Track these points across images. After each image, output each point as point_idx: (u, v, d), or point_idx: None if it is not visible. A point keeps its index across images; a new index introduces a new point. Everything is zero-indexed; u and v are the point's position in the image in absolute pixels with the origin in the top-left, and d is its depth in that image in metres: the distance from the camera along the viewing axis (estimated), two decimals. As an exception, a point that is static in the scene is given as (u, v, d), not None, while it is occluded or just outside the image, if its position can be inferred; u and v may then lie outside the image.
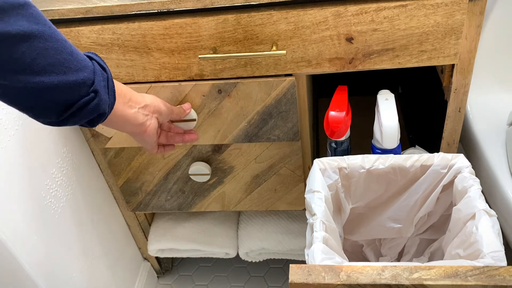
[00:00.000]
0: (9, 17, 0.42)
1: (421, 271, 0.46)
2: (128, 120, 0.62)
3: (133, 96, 0.63)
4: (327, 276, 0.47)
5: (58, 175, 0.86)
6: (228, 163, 0.90)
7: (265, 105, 0.79)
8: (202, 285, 1.28)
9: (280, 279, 1.26)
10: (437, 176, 0.70)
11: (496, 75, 1.00)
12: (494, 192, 0.84)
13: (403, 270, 0.46)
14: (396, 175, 0.72)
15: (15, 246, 0.73)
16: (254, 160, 0.88)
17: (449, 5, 0.65)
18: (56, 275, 0.84)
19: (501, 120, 0.93)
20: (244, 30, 0.70)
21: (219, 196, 0.97)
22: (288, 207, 0.97)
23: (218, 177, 0.93)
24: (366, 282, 0.45)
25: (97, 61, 0.55)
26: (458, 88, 0.75)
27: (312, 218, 0.64)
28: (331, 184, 0.71)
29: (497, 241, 0.56)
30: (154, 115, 0.67)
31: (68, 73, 0.49)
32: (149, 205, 1.01)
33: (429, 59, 0.71)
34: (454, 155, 0.69)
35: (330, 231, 0.64)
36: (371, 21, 0.67)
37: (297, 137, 0.83)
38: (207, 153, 0.89)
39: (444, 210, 0.75)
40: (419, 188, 0.73)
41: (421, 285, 0.45)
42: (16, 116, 0.75)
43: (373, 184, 0.73)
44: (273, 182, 0.93)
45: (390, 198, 0.76)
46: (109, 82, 0.56)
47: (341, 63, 0.73)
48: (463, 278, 0.44)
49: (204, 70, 0.76)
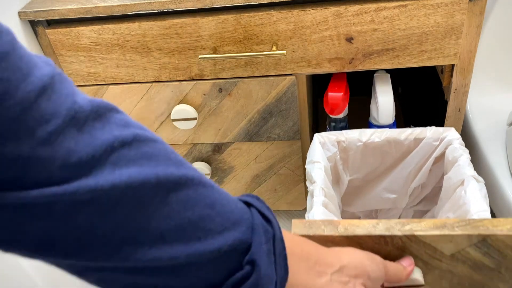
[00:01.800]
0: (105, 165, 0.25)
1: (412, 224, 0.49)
2: None
3: (321, 256, 0.39)
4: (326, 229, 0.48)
5: (58, 175, 0.85)
6: (228, 163, 0.90)
7: (266, 104, 0.79)
8: (202, 285, 1.27)
9: (280, 279, 1.26)
10: (430, 148, 0.74)
11: (496, 75, 1.00)
12: (494, 192, 0.84)
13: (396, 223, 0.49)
14: (391, 148, 0.75)
15: (15, 246, 0.73)
16: (254, 160, 0.88)
17: (449, 5, 0.65)
18: (56, 275, 0.84)
19: (501, 120, 0.93)
20: (244, 30, 0.70)
21: None
22: (288, 207, 0.97)
23: (218, 177, 0.93)
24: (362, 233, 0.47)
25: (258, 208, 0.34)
26: (458, 88, 0.76)
27: (312, 186, 0.67)
28: (330, 156, 0.74)
29: (483, 203, 0.60)
30: (358, 281, 0.40)
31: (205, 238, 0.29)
32: None
33: (429, 59, 0.71)
34: (445, 128, 0.72)
35: (329, 197, 0.66)
36: (371, 21, 0.67)
37: (297, 135, 0.83)
38: (207, 153, 0.89)
39: (436, 182, 0.79)
40: (412, 160, 0.76)
41: (412, 236, 0.47)
42: (16, 116, 0.75)
43: (369, 156, 0.77)
44: (273, 182, 0.93)
45: (386, 170, 0.80)
46: (276, 243, 0.33)
47: (341, 63, 0.73)
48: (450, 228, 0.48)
49: (204, 70, 0.76)
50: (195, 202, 0.29)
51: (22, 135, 0.22)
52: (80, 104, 0.25)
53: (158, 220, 0.27)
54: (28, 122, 0.22)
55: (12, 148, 0.22)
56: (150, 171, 0.27)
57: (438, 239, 0.48)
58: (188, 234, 0.29)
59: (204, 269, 0.30)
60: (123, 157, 0.26)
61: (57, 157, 0.24)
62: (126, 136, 0.27)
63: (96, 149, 0.25)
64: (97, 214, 0.25)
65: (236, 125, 0.83)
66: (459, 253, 0.50)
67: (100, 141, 0.25)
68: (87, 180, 0.24)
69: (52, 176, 0.23)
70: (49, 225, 0.24)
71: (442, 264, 0.51)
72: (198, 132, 0.85)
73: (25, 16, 0.73)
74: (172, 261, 0.28)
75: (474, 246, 0.49)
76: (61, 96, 0.24)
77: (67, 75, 0.26)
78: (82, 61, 0.77)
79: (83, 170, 0.24)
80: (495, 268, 0.51)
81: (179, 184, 0.28)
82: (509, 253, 0.49)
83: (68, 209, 0.24)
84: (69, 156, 0.24)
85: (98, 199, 0.25)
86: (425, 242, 0.49)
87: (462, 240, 0.48)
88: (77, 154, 0.24)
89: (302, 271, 0.36)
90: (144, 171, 0.27)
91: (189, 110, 0.80)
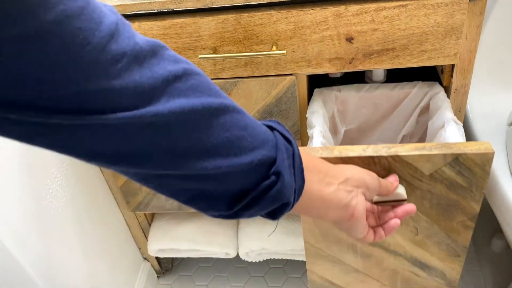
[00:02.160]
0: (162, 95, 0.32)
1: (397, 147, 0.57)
2: (328, 202, 0.46)
3: (330, 170, 0.47)
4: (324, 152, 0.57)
5: (58, 175, 0.86)
6: None
7: (266, 104, 0.79)
8: (202, 285, 1.28)
9: (280, 279, 1.26)
10: (416, 99, 0.83)
11: (496, 75, 1.00)
12: (494, 192, 0.84)
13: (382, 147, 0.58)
14: (383, 100, 0.84)
15: (15, 246, 0.73)
16: None
17: (449, 5, 0.65)
18: (56, 275, 0.84)
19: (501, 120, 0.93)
20: (244, 30, 0.70)
21: None
22: None
23: None
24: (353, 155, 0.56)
25: (280, 131, 0.42)
26: (458, 88, 0.75)
27: (312, 130, 0.74)
28: (328, 108, 0.82)
29: (460, 139, 0.68)
30: (360, 190, 0.49)
31: (240, 154, 0.36)
32: (149, 205, 1.01)
33: (429, 59, 0.71)
34: (430, 82, 0.81)
35: (327, 139, 0.75)
36: (371, 21, 0.67)
37: (297, 135, 0.83)
38: None
39: (422, 132, 0.88)
40: (401, 111, 0.86)
41: (396, 156, 0.56)
42: (16, 116, 0.75)
43: (363, 108, 0.86)
44: None
45: (378, 121, 0.89)
46: (295, 158, 0.41)
47: (341, 63, 0.73)
48: (428, 149, 0.56)
49: (204, 70, 0.76)
50: (231, 125, 0.36)
51: (100, 73, 0.28)
52: (140, 44, 0.31)
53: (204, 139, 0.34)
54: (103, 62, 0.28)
55: (94, 84, 0.28)
56: (197, 100, 0.33)
57: (418, 159, 0.56)
58: (227, 150, 0.36)
59: (240, 178, 0.37)
60: (176, 89, 0.32)
61: (127, 89, 0.29)
62: (178, 70, 0.33)
63: (156, 81, 0.31)
64: (158, 133, 0.32)
65: (236, 125, 0.83)
66: (436, 172, 0.58)
67: (158, 75, 0.31)
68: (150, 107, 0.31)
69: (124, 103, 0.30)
70: (122, 141, 0.31)
71: (422, 184, 0.60)
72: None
73: (25, 16, 0.73)
74: (215, 170, 0.35)
75: (449, 165, 0.57)
76: (125, 38, 0.30)
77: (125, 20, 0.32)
78: (82, 61, 0.77)
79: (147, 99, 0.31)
80: (467, 187, 0.59)
81: (218, 110, 0.35)
82: (477, 171, 0.57)
83: (137, 129, 0.31)
84: (136, 88, 0.30)
85: (158, 122, 0.31)
86: (407, 162, 0.57)
87: (438, 160, 0.56)
88: (141, 86, 0.30)
89: (314, 181, 0.44)
90: (192, 100, 0.33)
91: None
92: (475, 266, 1.20)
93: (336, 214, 0.47)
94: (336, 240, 0.71)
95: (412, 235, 0.67)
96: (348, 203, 0.47)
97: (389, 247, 0.71)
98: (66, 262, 0.88)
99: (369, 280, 0.79)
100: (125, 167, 0.34)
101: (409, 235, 0.68)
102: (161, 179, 0.36)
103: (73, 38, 0.26)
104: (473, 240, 1.26)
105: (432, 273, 0.74)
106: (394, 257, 0.72)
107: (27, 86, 0.26)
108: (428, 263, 0.72)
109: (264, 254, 1.13)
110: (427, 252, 0.70)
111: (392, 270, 0.75)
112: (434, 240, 0.68)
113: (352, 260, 0.75)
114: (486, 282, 1.14)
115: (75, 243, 0.91)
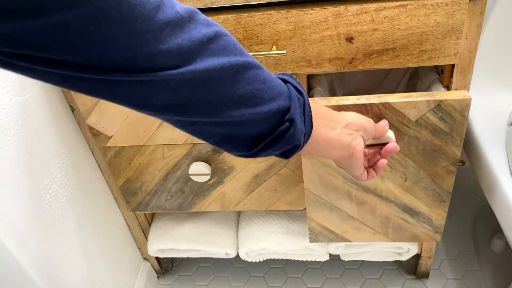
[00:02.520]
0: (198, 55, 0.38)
1: (387, 96, 0.66)
2: (333, 143, 0.54)
3: (334, 116, 0.55)
4: (323, 102, 0.65)
5: (58, 175, 0.86)
6: (228, 163, 0.90)
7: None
8: (202, 285, 1.28)
9: (280, 279, 1.26)
10: None
11: (496, 75, 1.00)
12: (494, 192, 0.84)
13: (374, 96, 0.66)
14: None
15: (15, 246, 0.73)
16: (254, 160, 0.88)
17: (449, 5, 0.65)
18: (56, 275, 0.84)
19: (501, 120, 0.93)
20: (244, 30, 0.70)
21: (219, 196, 0.97)
22: (289, 207, 0.97)
23: (218, 177, 0.93)
24: (348, 103, 0.65)
25: (292, 83, 0.49)
26: (458, 88, 0.75)
27: (312, 91, 0.81)
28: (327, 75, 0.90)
29: None
30: (359, 133, 0.57)
31: (260, 104, 0.43)
32: (149, 205, 1.01)
33: (429, 59, 0.71)
34: None
35: None
36: (371, 21, 0.67)
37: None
38: (207, 153, 0.89)
39: None
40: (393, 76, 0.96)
41: (386, 103, 0.65)
42: (16, 116, 0.75)
43: (358, 74, 0.96)
44: (273, 182, 0.93)
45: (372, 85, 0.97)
46: (305, 107, 0.49)
47: (341, 63, 0.73)
48: (414, 97, 0.65)
49: (204, 70, 0.76)
50: (253, 79, 0.43)
51: (151, 39, 0.34)
52: (180, 12, 0.37)
53: (232, 91, 0.41)
54: (153, 30, 0.34)
55: (146, 48, 0.34)
56: (225, 59, 0.40)
57: (405, 105, 0.66)
58: (250, 101, 0.42)
59: (260, 123, 0.44)
60: (209, 50, 0.39)
61: (172, 51, 0.36)
62: (210, 33, 0.39)
63: (193, 44, 0.37)
64: (196, 87, 0.38)
65: (236, 125, 0.83)
66: (421, 118, 0.67)
67: (195, 38, 0.38)
68: (189, 66, 0.37)
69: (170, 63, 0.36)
70: (168, 94, 0.38)
71: (409, 130, 0.69)
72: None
73: (25, 16, 0.73)
74: (240, 117, 0.42)
75: (432, 111, 0.66)
76: (167, 8, 0.36)
77: None
78: (82, 61, 0.77)
79: (187, 59, 0.37)
80: (449, 132, 0.68)
81: (243, 67, 0.41)
82: (457, 117, 0.66)
83: (180, 84, 0.37)
84: (179, 50, 0.36)
85: (196, 78, 0.38)
86: (395, 109, 0.66)
87: (423, 106, 0.65)
88: (183, 48, 0.36)
89: (321, 126, 0.52)
90: (221, 60, 0.40)
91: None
92: (475, 266, 1.20)
93: (339, 153, 0.55)
94: (334, 187, 0.80)
95: (401, 181, 0.77)
96: (349, 144, 0.55)
97: (381, 193, 0.80)
98: (66, 262, 0.88)
99: (363, 228, 0.87)
100: (168, 115, 0.40)
101: (399, 181, 0.77)
102: (196, 125, 0.43)
103: (130, 13, 0.33)
104: (473, 240, 1.26)
105: (420, 220, 0.83)
106: (386, 203, 0.81)
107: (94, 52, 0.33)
108: (416, 209, 0.81)
109: (264, 254, 1.13)
110: (415, 198, 0.79)
111: (384, 217, 0.84)
112: (421, 185, 0.77)
113: (348, 207, 0.84)
114: (486, 282, 1.14)
115: (75, 243, 0.91)
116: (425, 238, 0.87)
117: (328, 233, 0.90)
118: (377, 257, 1.09)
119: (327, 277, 1.24)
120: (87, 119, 0.86)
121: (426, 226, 0.85)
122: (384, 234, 0.88)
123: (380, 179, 0.77)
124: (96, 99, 0.83)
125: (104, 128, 0.87)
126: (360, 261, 1.26)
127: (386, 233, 0.88)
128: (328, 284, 1.23)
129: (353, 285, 1.21)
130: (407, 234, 0.87)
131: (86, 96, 0.83)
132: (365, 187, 0.79)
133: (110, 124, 0.86)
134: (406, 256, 1.06)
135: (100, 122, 0.86)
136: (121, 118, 0.85)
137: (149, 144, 0.88)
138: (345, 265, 1.26)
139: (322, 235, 0.91)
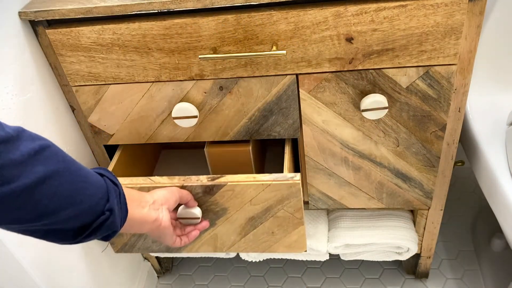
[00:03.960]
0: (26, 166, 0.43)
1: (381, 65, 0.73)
2: (144, 220, 0.65)
3: (143, 197, 0.66)
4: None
5: (58, 175, 0.85)
6: (220, 205, 0.81)
7: (266, 102, 0.79)
8: (202, 285, 1.28)
9: (280, 279, 1.26)
10: None
11: (496, 75, 1.00)
12: (494, 192, 0.84)
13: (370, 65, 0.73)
14: None
15: (15, 246, 0.73)
16: (249, 202, 0.80)
17: (449, 5, 0.65)
18: (56, 275, 0.84)
19: (501, 120, 0.94)
20: (244, 30, 0.70)
21: (211, 238, 0.87)
22: (287, 250, 0.88)
23: (209, 219, 0.83)
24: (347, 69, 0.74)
25: (108, 177, 0.56)
26: (458, 88, 0.76)
27: None
28: None
29: None
30: (164, 206, 0.69)
31: (84, 200, 0.50)
32: (135, 247, 0.93)
33: (429, 59, 0.71)
34: None
35: None
36: (371, 21, 0.67)
37: (297, 133, 0.83)
38: (197, 195, 0.79)
39: None
40: None
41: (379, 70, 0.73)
42: (16, 116, 0.75)
43: None
44: (270, 224, 0.83)
45: None
46: (121, 196, 0.57)
47: (341, 63, 0.73)
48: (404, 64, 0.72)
49: (204, 70, 0.76)
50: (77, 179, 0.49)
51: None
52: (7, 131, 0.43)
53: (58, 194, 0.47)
54: None
55: None
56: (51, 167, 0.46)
57: (396, 73, 0.73)
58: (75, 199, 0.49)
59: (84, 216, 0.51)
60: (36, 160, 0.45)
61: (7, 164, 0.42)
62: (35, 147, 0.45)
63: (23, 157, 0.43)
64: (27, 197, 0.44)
65: (236, 123, 0.83)
66: (411, 85, 0.74)
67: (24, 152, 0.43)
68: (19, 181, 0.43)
69: None
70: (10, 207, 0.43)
71: (401, 96, 0.76)
72: (199, 130, 0.85)
73: (25, 16, 0.73)
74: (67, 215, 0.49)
75: (421, 78, 0.73)
76: None
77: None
78: (82, 61, 0.77)
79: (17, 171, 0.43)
80: (437, 98, 0.75)
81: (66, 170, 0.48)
82: (444, 83, 0.73)
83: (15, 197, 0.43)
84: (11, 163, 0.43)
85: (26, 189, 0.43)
86: (388, 76, 0.74)
87: (412, 73, 0.73)
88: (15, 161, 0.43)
89: (133, 208, 0.63)
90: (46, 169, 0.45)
91: (190, 108, 0.80)
92: (475, 266, 1.20)
93: (150, 227, 0.66)
94: (331, 153, 0.86)
95: (394, 146, 0.83)
96: (157, 218, 0.66)
97: (376, 159, 0.85)
98: (66, 262, 0.88)
99: (359, 193, 0.92)
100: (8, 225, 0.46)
101: (392, 147, 0.83)
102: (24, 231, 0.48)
103: None
104: (473, 240, 1.26)
105: (412, 185, 0.89)
106: (380, 168, 0.87)
107: None
108: (408, 174, 0.87)
109: (264, 254, 1.13)
110: (407, 163, 0.85)
111: (378, 183, 0.89)
112: (412, 150, 0.83)
113: (345, 173, 0.89)
114: (485, 282, 1.14)
115: (75, 243, 0.91)
116: (417, 203, 0.92)
117: (327, 199, 0.94)
118: (377, 256, 1.09)
119: (327, 277, 1.24)
120: (88, 117, 0.86)
121: (417, 191, 0.90)
122: (378, 199, 0.93)
123: (374, 145, 0.83)
124: (98, 97, 0.83)
125: (105, 126, 0.87)
126: (359, 261, 1.26)
127: (381, 199, 0.93)
128: (328, 283, 1.23)
129: (353, 285, 1.21)
130: (400, 199, 0.92)
131: (88, 95, 0.83)
132: (361, 153, 0.85)
133: (112, 122, 0.86)
134: (406, 256, 1.06)
135: (102, 120, 0.86)
136: (122, 116, 0.85)
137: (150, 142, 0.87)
138: (345, 265, 1.26)
139: (321, 201, 0.95)
